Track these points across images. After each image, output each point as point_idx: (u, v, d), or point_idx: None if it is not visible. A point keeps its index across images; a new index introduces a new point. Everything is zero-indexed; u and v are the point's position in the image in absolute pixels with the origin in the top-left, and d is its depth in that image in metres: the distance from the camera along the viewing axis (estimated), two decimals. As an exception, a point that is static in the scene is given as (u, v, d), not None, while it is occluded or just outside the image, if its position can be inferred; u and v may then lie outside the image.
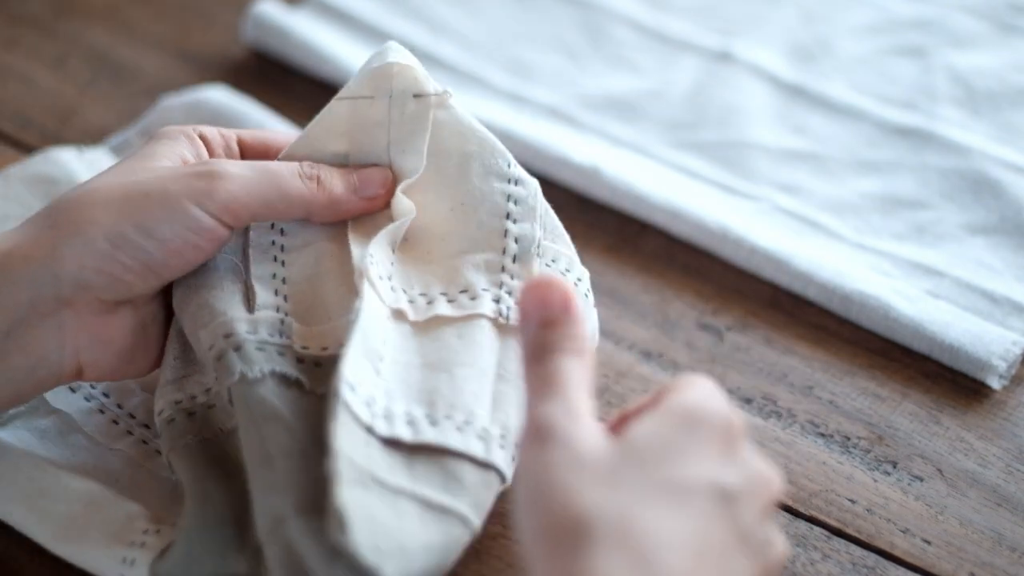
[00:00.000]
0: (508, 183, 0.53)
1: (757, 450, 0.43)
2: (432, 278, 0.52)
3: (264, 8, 0.75)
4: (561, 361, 0.42)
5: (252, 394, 0.47)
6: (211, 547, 0.46)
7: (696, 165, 0.70)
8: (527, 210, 0.53)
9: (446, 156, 0.53)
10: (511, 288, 0.51)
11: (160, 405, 0.50)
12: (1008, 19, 0.79)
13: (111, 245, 0.47)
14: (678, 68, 0.76)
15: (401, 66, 0.52)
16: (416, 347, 0.50)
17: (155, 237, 0.47)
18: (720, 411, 0.42)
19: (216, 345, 0.48)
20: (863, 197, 0.68)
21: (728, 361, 0.61)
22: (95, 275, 0.47)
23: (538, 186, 0.54)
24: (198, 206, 0.47)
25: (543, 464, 0.40)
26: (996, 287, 0.63)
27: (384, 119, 0.52)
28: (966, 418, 0.59)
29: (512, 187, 0.53)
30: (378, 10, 0.78)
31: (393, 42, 0.53)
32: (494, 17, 0.79)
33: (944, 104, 0.73)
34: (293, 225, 0.52)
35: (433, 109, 0.52)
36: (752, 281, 0.65)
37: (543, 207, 0.54)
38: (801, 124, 0.73)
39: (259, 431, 0.46)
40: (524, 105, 0.73)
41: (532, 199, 0.53)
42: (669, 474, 0.40)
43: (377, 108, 0.52)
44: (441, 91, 0.53)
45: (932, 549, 0.54)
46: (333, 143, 0.53)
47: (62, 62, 0.75)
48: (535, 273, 0.52)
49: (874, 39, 0.78)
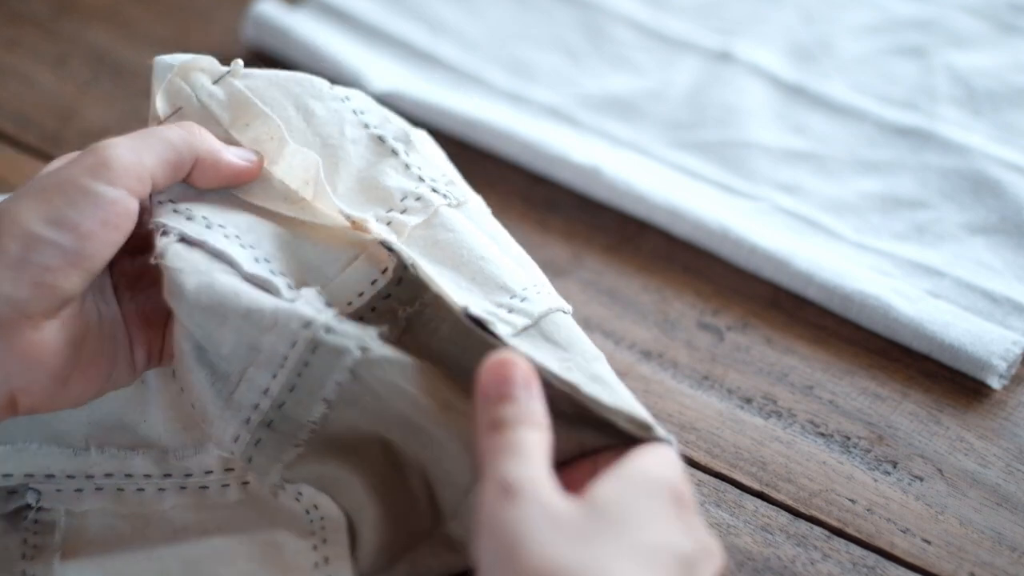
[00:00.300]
0: (342, 101, 0.55)
1: (703, 521, 0.44)
2: (369, 203, 0.52)
3: (264, 8, 0.75)
4: (522, 432, 0.43)
5: (382, 362, 0.46)
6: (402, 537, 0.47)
7: (696, 165, 0.70)
8: (374, 109, 0.56)
9: (282, 108, 0.53)
10: (422, 175, 0.53)
11: (230, 432, 0.48)
12: (1008, 19, 0.79)
13: (23, 247, 0.45)
14: (678, 68, 0.76)
15: (181, 67, 0.52)
16: (431, 256, 0.51)
17: (65, 225, 0.45)
18: (675, 479, 0.44)
19: (300, 338, 0.46)
20: (863, 197, 0.68)
21: (728, 361, 0.61)
22: (13, 286, 0.45)
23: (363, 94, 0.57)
24: (96, 180, 0.46)
25: (512, 519, 0.41)
26: (996, 287, 0.63)
27: (206, 116, 0.52)
28: (966, 418, 0.59)
29: (347, 102, 0.55)
30: (378, 10, 0.78)
31: (156, 58, 0.53)
32: (494, 17, 0.79)
33: (944, 104, 0.73)
34: (192, 200, 0.51)
35: (240, 80, 0.53)
36: (752, 281, 0.65)
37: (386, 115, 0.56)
38: (801, 124, 0.73)
39: (406, 394, 0.46)
40: (524, 105, 0.73)
41: (368, 101, 0.56)
42: (635, 537, 0.41)
43: (193, 113, 0.52)
44: (230, 66, 0.53)
45: (932, 549, 0.54)
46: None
47: (62, 62, 0.75)
48: (429, 154, 0.55)
49: (874, 39, 0.78)
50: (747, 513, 0.55)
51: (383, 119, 0.55)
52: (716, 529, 0.54)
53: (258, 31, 0.75)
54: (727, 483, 0.56)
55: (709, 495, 0.55)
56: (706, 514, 0.54)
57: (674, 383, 0.60)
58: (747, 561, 0.53)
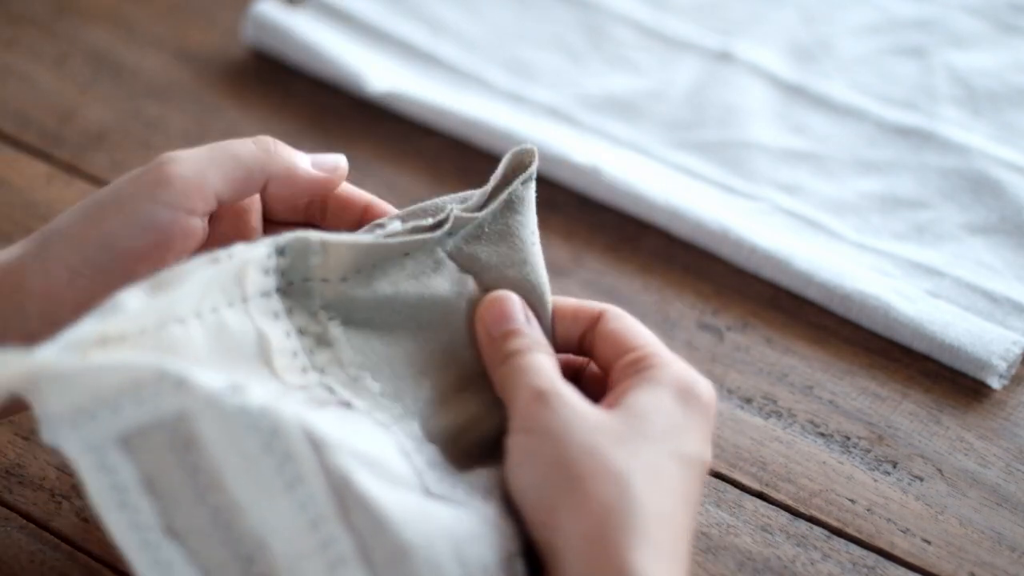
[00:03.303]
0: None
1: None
2: None
3: (264, 8, 0.75)
4: (532, 355, 0.45)
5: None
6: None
7: (696, 165, 0.70)
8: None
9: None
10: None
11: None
12: (1008, 19, 0.79)
13: (71, 273, 0.45)
14: (678, 68, 0.76)
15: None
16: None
17: (113, 251, 0.45)
18: (709, 391, 0.46)
19: (396, 230, 0.47)
20: (863, 197, 0.68)
21: (728, 361, 0.61)
22: (60, 307, 0.45)
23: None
24: (153, 200, 0.45)
25: (551, 418, 0.43)
26: (996, 287, 0.63)
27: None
28: (966, 418, 0.59)
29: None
30: (378, 10, 0.78)
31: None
32: (494, 17, 0.79)
33: (944, 104, 0.73)
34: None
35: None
36: (752, 281, 0.65)
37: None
38: (801, 124, 0.73)
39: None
40: (524, 105, 0.73)
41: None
42: (674, 446, 0.43)
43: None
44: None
45: (932, 549, 0.54)
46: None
47: (62, 62, 0.75)
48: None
49: (874, 39, 0.78)
50: (747, 513, 0.55)
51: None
52: (716, 529, 0.54)
53: (258, 31, 0.75)
54: (727, 483, 0.56)
55: (709, 495, 0.55)
56: (706, 514, 0.54)
57: (674, 383, 0.60)
58: (747, 561, 0.53)
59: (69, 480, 0.53)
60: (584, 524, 0.41)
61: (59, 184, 0.68)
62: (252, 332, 0.44)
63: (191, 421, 0.40)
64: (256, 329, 0.44)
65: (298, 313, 0.46)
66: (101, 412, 0.40)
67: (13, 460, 0.54)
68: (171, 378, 0.39)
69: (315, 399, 0.44)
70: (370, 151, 0.70)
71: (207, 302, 0.43)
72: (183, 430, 0.40)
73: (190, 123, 0.72)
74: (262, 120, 0.72)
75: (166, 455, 0.41)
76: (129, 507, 0.41)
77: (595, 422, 0.43)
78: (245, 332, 0.44)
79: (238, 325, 0.44)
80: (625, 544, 0.40)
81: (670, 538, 0.41)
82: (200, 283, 0.42)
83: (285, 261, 0.45)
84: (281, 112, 0.73)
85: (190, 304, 0.42)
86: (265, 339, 0.44)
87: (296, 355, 0.45)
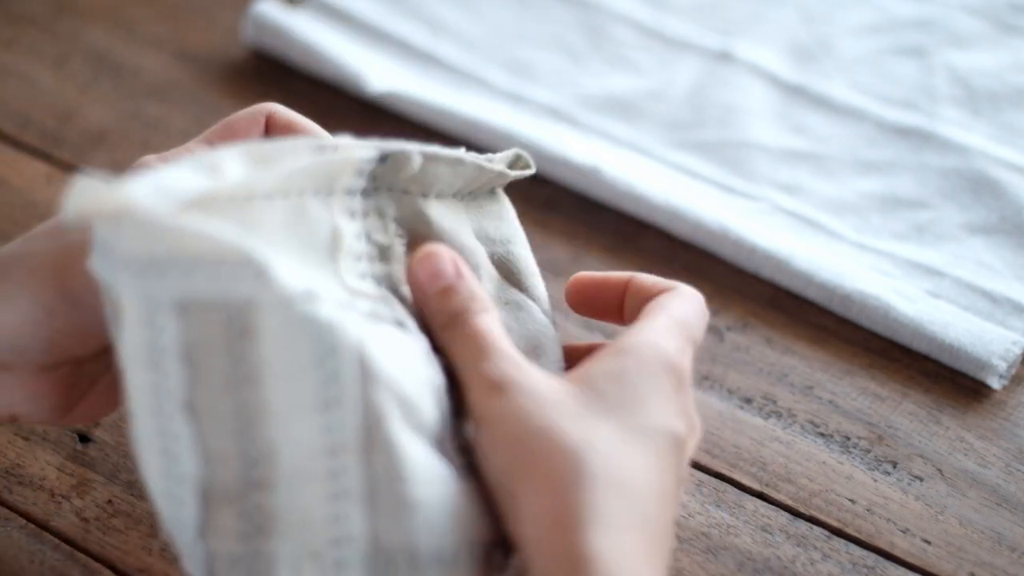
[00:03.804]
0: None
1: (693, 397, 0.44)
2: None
3: (264, 8, 0.75)
4: (475, 320, 0.43)
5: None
6: None
7: (696, 165, 0.70)
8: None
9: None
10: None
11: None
12: (1008, 19, 0.79)
13: (46, 313, 0.43)
14: (678, 68, 0.76)
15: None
16: None
17: (83, 303, 0.43)
18: (676, 356, 0.43)
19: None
20: (863, 197, 0.68)
21: (728, 361, 0.61)
22: (32, 341, 0.44)
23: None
24: None
25: (513, 410, 0.41)
26: (996, 287, 0.63)
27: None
28: (966, 418, 0.59)
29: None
30: (378, 10, 0.78)
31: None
32: (494, 17, 0.79)
33: (944, 104, 0.73)
34: None
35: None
36: (752, 281, 0.65)
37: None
38: (801, 124, 0.73)
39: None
40: (524, 105, 0.73)
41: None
42: (633, 417, 0.41)
43: None
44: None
45: (932, 549, 0.54)
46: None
47: (62, 62, 0.75)
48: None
49: (874, 39, 0.78)
50: (747, 513, 0.55)
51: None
52: (716, 529, 0.54)
53: (258, 31, 0.75)
54: (727, 483, 0.56)
55: (709, 495, 0.55)
56: (706, 514, 0.54)
57: (674, 383, 0.60)
58: (747, 561, 0.53)
59: (69, 480, 0.53)
60: (540, 505, 0.39)
61: (59, 184, 0.68)
62: (328, 226, 0.43)
63: (256, 312, 0.39)
64: (333, 224, 0.43)
65: (373, 218, 0.45)
66: (172, 272, 0.39)
67: (13, 460, 0.54)
68: (254, 265, 0.38)
69: (375, 312, 0.43)
70: (370, 151, 0.70)
71: (297, 185, 0.42)
72: (244, 318, 0.39)
73: (190, 123, 0.72)
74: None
75: (217, 334, 0.40)
76: (160, 370, 0.40)
77: (551, 398, 0.41)
78: (321, 224, 0.43)
79: (318, 215, 0.43)
80: (580, 521, 0.38)
81: (632, 512, 0.39)
82: (298, 167, 0.42)
83: (381, 167, 0.45)
84: (281, 112, 0.73)
85: (282, 184, 0.42)
86: (339, 235, 0.43)
87: (360, 259, 0.44)
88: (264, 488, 0.40)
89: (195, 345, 0.40)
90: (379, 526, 0.40)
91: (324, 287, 0.41)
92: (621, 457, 0.40)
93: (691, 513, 0.54)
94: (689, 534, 0.53)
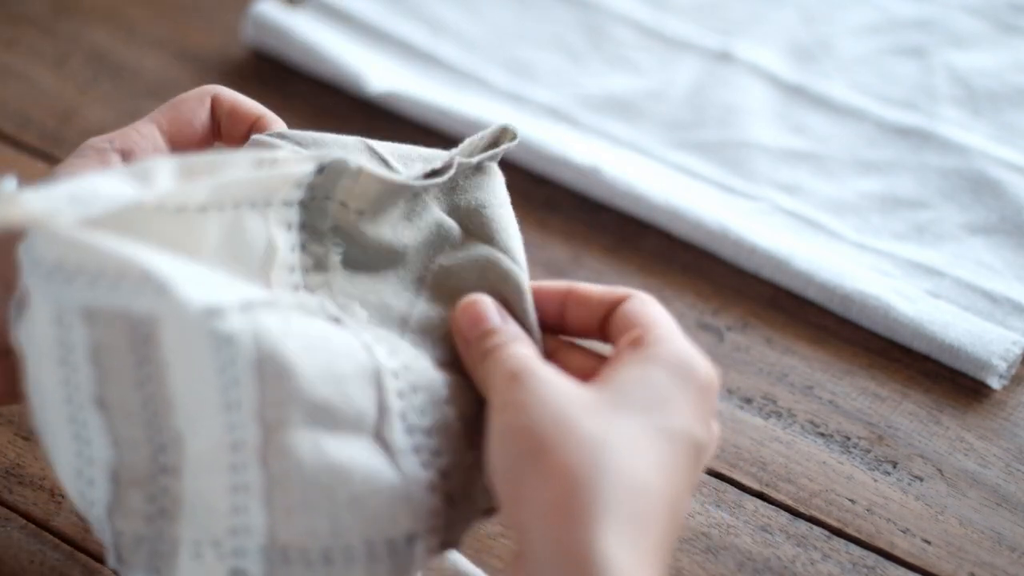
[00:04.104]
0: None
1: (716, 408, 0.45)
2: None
3: (264, 8, 0.75)
4: (512, 347, 0.44)
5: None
6: None
7: (696, 165, 0.70)
8: None
9: None
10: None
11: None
12: (1008, 19, 0.79)
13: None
14: (678, 68, 0.76)
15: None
16: None
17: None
18: (707, 368, 0.43)
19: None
20: (863, 197, 0.68)
21: (728, 361, 0.61)
22: None
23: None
24: None
25: (524, 399, 0.41)
26: (996, 287, 0.63)
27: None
28: (966, 418, 0.59)
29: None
30: (378, 10, 0.78)
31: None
32: (494, 17, 0.79)
33: (944, 104, 0.73)
34: None
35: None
36: (752, 281, 0.65)
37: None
38: (801, 124, 0.73)
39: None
40: (524, 105, 0.73)
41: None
42: (658, 419, 0.41)
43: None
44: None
45: (932, 549, 0.54)
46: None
47: (62, 62, 0.75)
48: None
49: (874, 39, 0.78)
50: (747, 513, 0.55)
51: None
52: (716, 529, 0.54)
53: (258, 31, 0.75)
54: (727, 483, 0.56)
55: (709, 495, 0.55)
56: (706, 514, 0.54)
57: (674, 383, 0.60)
58: (747, 561, 0.53)
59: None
60: (549, 493, 0.39)
61: (59, 184, 0.67)
62: (263, 238, 0.44)
63: (157, 324, 0.41)
64: (268, 236, 0.44)
65: (308, 229, 0.46)
66: (79, 279, 0.40)
67: (13, 460, 0.54)
68: (154, 282, 0.39)
69: (306, 307, 0.44)
70: (370, 151, 0.70)
71: (233, 198, 0.43)
72: (146, 328, 0.41)
73: (190, 123, 0.72)
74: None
75: (121, 338, 0.41)
76: (69, 365, 0.41)
77: (570, 394, 0.41)
78: (257, 236, 0.44)
79: (253, 227, 0.44)
80: (590, 514, 0.38)
81: (643, 512, 0.39)
82: (233, 181, 0.43)
83: (319, 178, 0.45)
84: (281, 112, 0.72)
85: (217, 197, 0.43)
86: (273, 247, 0.44)
87: (293, 271, 0.45)
88: (171, 473, 0.42)
89: (102, 346, 0.41)
90: (275, 523, 0.41)
91: (242, 295, 0.42)
92: (637, 454, 0.40)
93: (691, 513, 0.54)
94: (689, 534, 0.53)
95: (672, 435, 0.41)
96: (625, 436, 0.40)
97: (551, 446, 0.39)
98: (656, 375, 0.42)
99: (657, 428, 0.41)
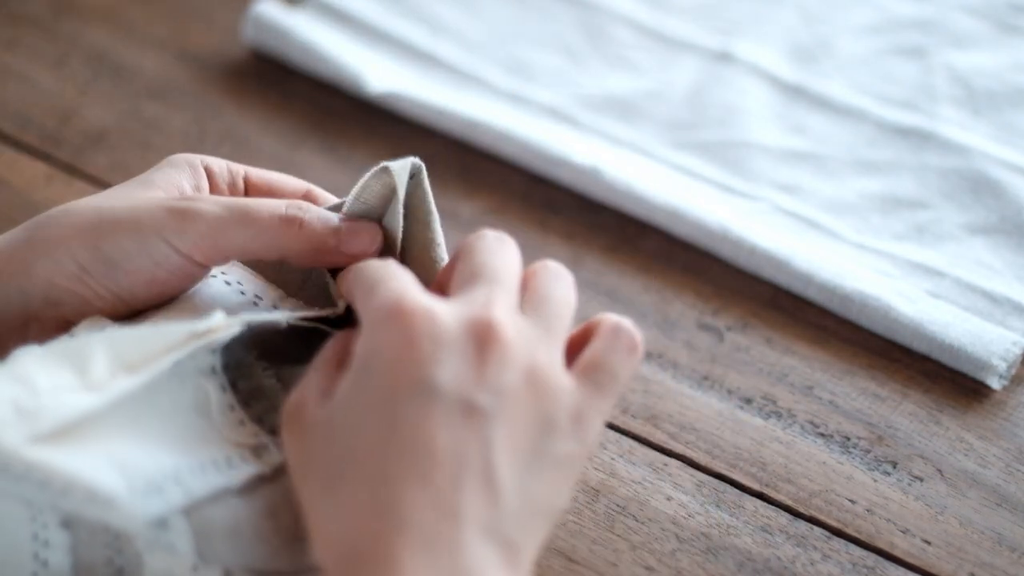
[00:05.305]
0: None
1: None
2: None
3: (264, 8, 0.75)
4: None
5: None
6: None
7: (696, 165, 0.70)
8: None
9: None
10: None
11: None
12: (1008, 19, 0.79)
13: (79, 269, 0.46)
14: (678, 68, 0.76)
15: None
16: None
17: (121, 267, 0.45)
18: (405, 304, 0.43)
19: None
20: (863, 197, 0.68)
21: (728, 361, 0.61)
22: (65, 295, 0.46)
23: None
24: (167, 243, 0.46)
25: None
26: (996, 287, 0.63)
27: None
28: (966, 418, 0.59)
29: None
30: (378, 10, 0.78)
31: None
32: (494, 17, 0.79)
33: (944, 104, 0.73)
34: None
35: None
36: (752, 281, 0.65)
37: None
38: (801, 124, 0.73)
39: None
40: (524, 105, 0.73)
41: None
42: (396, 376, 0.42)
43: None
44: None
45: (932, 549, 0.54)
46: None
47: (62, 62, 0.75)
48: None
49: (874, 39, 0.78)
50: (747, 513, 0.55)
51: None
52: (716, 529, 0.54)
53: (258, 31, 0.75)
54: (727, 483, 0.56)
55: (709, 495, 0.55)
56: (706, 514, 0.54)
57: (674, 383, 0.60)
58: (747, 561, 0.53)
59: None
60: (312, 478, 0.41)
61: (59, 184, 0.68)
62: (191, 388, 0.44)
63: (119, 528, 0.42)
64: (195, 384, 0.45)
65: (233, 367, 0.46)
66: (25, 483, 0.40)
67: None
68: (100, 496, 0.40)
69: (253, 451, 0.45)
70: (370, 152, 0.70)
71: (163, 366, 0.43)
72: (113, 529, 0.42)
73: (190, 123, 0.72)
74: (262, 121, 0.72)
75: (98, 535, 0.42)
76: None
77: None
78: (186, 389, 0.44)
79: (182, 383, 0.44)
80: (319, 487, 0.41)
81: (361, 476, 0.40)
82: (167, 360, 0.43)
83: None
84: (281, 112, 0.73)
85: (149, 379, 0.43)
86: (204, 394, 0.45)
87: (233, 408, 0.45)
88: None
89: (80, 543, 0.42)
90: None
91: (189, 487, 0.42)
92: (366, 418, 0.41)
93: (691, 513, 0.54)
94: (689, 534, 0.53)
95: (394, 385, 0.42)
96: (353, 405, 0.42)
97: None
98: (369, 335, 0.43)
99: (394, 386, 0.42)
